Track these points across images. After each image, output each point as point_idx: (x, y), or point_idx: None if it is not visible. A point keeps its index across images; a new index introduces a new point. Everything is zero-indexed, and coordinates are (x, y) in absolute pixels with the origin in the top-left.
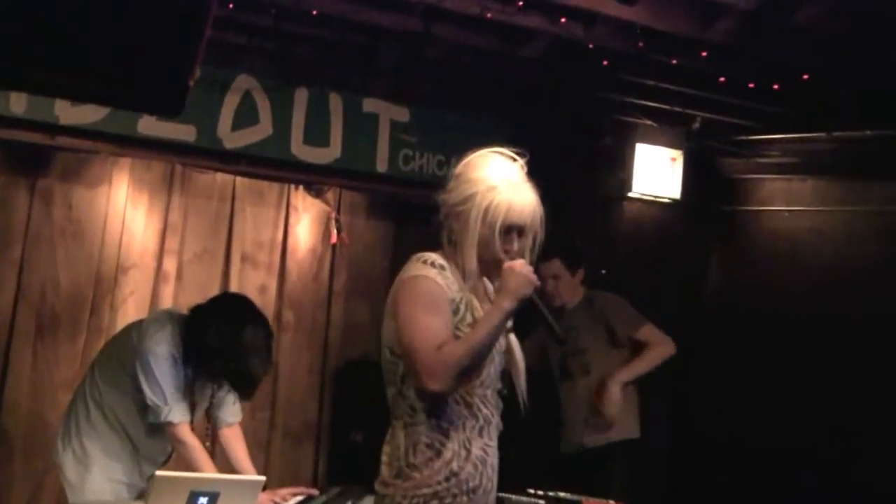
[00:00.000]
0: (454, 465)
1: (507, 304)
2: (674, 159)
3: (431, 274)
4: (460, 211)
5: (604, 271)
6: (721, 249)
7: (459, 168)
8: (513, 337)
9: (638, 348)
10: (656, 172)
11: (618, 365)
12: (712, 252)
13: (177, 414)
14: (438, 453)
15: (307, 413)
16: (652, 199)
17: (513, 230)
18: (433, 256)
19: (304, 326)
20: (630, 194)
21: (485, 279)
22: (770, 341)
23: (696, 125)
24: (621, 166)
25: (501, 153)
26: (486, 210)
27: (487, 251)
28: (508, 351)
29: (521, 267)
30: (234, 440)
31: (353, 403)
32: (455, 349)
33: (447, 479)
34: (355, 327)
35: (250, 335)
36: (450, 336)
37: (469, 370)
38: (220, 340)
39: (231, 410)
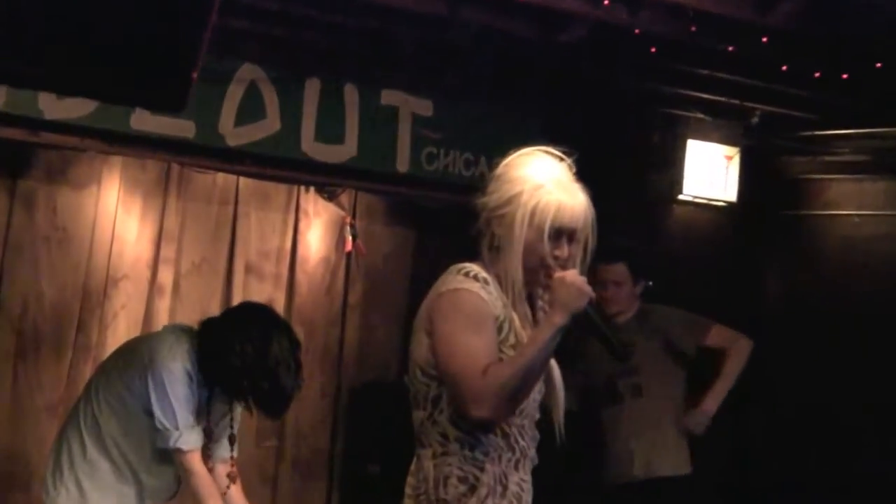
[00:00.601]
0: (489, 503)
1: (559, 318)
2: (729, 158)
3: (475, 288)
4: (504, 213)
5: (650, 283)
6: (782, 258)
7: (500, 168)
8: (553, 362)
9: (714, 359)
10: (710, 172)
11: (672, 386)
12: (772, 261)
13: (188, 440)
14: (472, 489)
15: (318, 442)
16: (705, 202)
17: (563, 233)
18: (475, 268)
19: (315, 345)
20: (680, 197)
21: (526, 305)
22: (839, 360)
23: (755, 119)
24: (671, 166)
25: (547, 151)
26: (533, 210)
27: (534, 257)
28: (548, 378)
29: (573, 277)
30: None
31: (370, 431)
32: (502, 371)
33: None
34: (372, 346)
35: (277, 347)
36: (495, 357)
37: (519, 394)
38: (245, 357)
39: (225, 444)
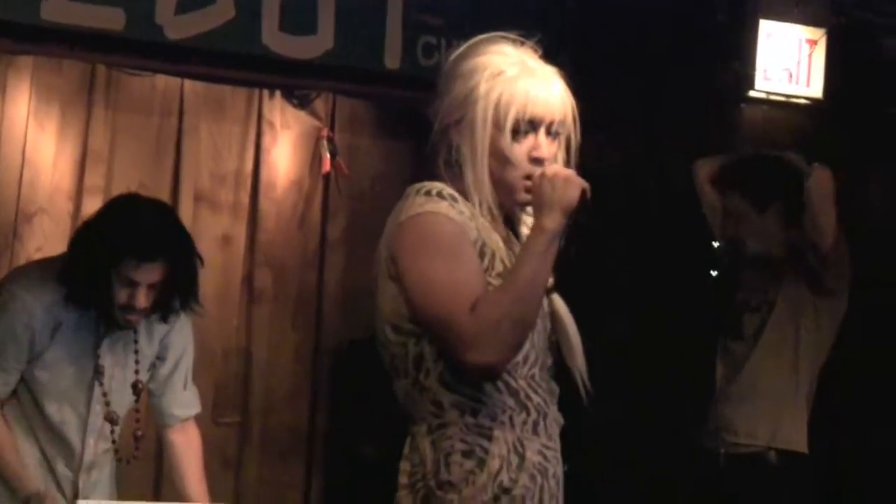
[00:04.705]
0: (504, 478)
1: (550, 221)
2: (814, 42)
3: (441, 208)
4: (459, 117)
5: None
6: (885, 167)
7: (448, 64)
8: (557, 297)
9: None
10: (789, 61)
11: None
12: (872, 171)
13: None
14: (481, 463)
15: (293, 417)
16: (783, 99)
17: (537, 127)
18: (438, 185)
19: (286, 294)
20: (752, 93)
21: (506, 229)
22: None
23: None
24: (738, 54)
25: (504, 37)
26: (496, 104)
27: (506, 164)
28: (553, 314)
29: (556, 168)
30: (186, 447)
31: (359, 402)
32: (496, 300)
33: (496, 500)
34: (359, 294)
35: (147, 214)
36: (483, 287)
37: (522, 324)
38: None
39: (181, 397)
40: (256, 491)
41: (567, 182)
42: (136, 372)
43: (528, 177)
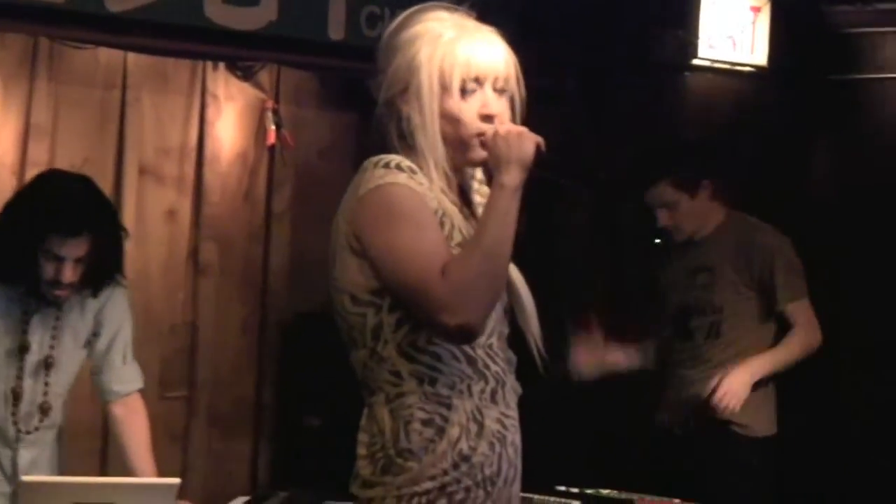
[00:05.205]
0: (463, 446)
1: (508, 177)
2: (757, 9)
3: (401, 179)
4: (404, 87)
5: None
6: (830, 135)
7: (384, 39)
8: (511, 266)
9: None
10: (732, 28)
11: (752, 339)
12: (817, 139)
13: None
14: (441, 431)
15: (240, 390)
16: (727, 66)
17: (483, 83)
18: (396, 157)
19: (232, 267)
20: (695, 61)
21: (458, 198)
22: None
23: None
24: (682, 21)
25: (436, 4)
26: (440, 67)
27: (457, 126)
28: (508, 284)
29: (507, 126)
30: (130, 422)
31: (306, 375)
32: (465, 261)
33: (455, 467)
34: (306, 266)
35: (70, 189)
36: (449, 253)
37: (493, 283)
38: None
39: (120, 373)
40: (204, 464)
41: (521, 138)
42: (52, 347)
43: (482, 135)
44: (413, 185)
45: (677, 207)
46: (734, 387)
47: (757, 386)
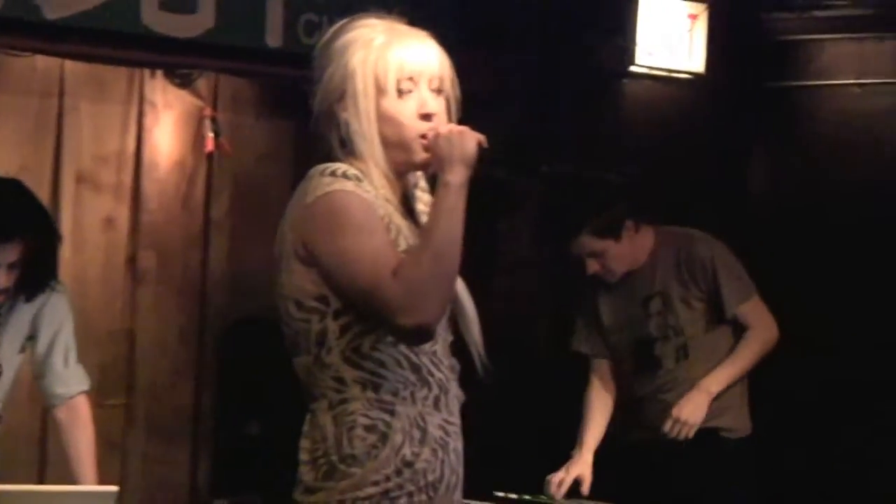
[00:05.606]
0: (406, 452)
1: (454, 176)
2: (694, 16)
3: (349, 187)
4: (341, 94)
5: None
6: (766, 141)
7: (317, 50)
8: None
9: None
10: (670, 36)
11: (720, 347)
12: (754, 146)
13: None
14: (384, 437)
15: (179, 398)
16: (665, 73)
17: (419, 83)
18: (342, 166)
19: (170, 275)
20: (633, 68)
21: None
22: (836, 259)
23: None
24: (620, 28)
25: (368, 14)
26: (375, 69)
27: (396, 124)
28: None
29: (447, 126)
30: (74, 428)
31: (245, 382)
32: (416, 261)
33: (398, 473)
34: (244, 273)
35: (2, 193)
36: (399, 257)
37: (445, 282)
38: None
39: (62, 376)
40: (143, 472)
41: (462, 136)
42: None
43: (423, 136)
44: (360, 192)
45: (605, 255)
46: (683, 415)
47: (733, 388)
